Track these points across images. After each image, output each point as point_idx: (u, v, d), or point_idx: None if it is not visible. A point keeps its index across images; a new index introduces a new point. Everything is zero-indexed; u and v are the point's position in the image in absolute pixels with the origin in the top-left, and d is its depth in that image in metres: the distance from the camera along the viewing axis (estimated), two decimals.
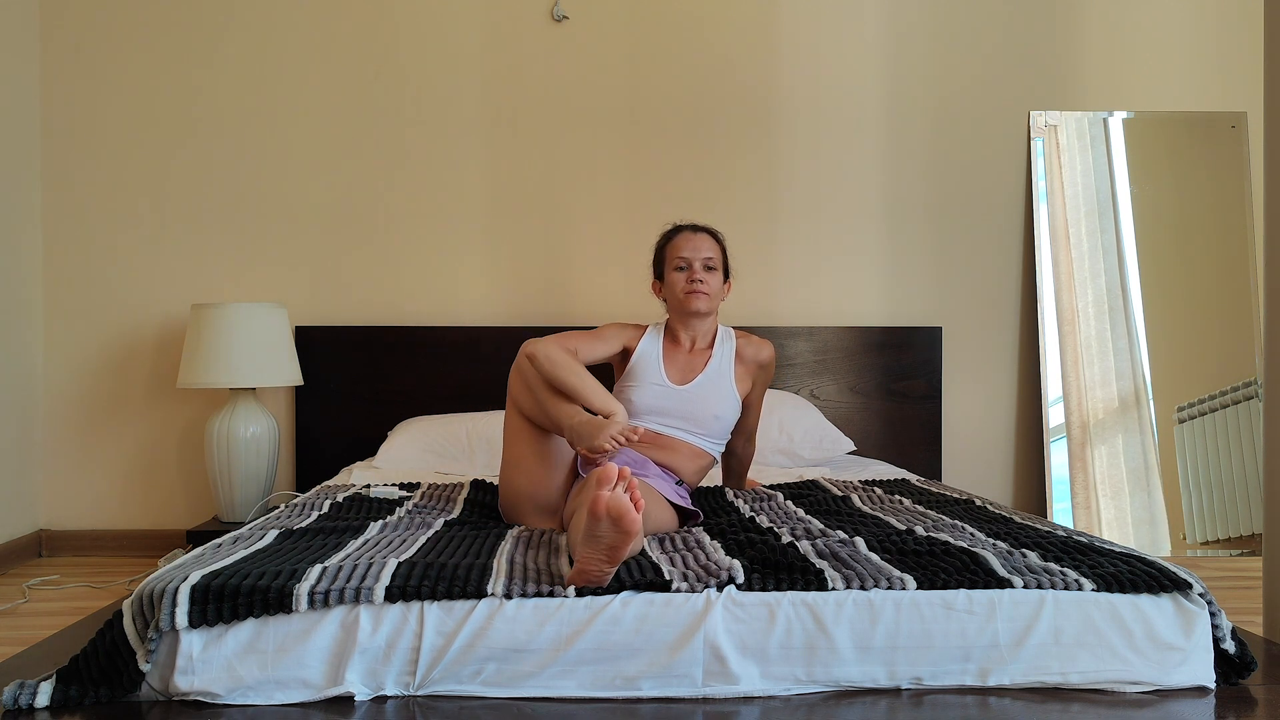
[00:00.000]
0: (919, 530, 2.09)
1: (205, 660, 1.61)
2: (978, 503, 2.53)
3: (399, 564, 1.77)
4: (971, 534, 2.08)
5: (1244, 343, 3.85)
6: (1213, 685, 1.73)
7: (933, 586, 1.71)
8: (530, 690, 1.63)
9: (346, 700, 1.62)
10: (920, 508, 2.45)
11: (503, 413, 3.44)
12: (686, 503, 2.40)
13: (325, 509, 2.43)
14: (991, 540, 2.02)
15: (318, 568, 1.74)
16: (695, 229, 2.60)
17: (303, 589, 1.64)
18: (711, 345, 2.60)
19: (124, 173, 3.77)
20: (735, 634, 1.65)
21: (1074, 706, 1.63)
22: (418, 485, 2.85)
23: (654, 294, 2.68)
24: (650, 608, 1.66)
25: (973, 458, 3.92)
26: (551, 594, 1.67)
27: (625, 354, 2.60)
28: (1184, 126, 3.96)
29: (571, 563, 1.85)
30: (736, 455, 2.74)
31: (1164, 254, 3.92)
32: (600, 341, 2.56)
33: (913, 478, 3.09)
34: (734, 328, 2.69)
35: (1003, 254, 3.94)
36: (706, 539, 2.05)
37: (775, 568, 1.80)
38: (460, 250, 3.82)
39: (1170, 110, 3.94)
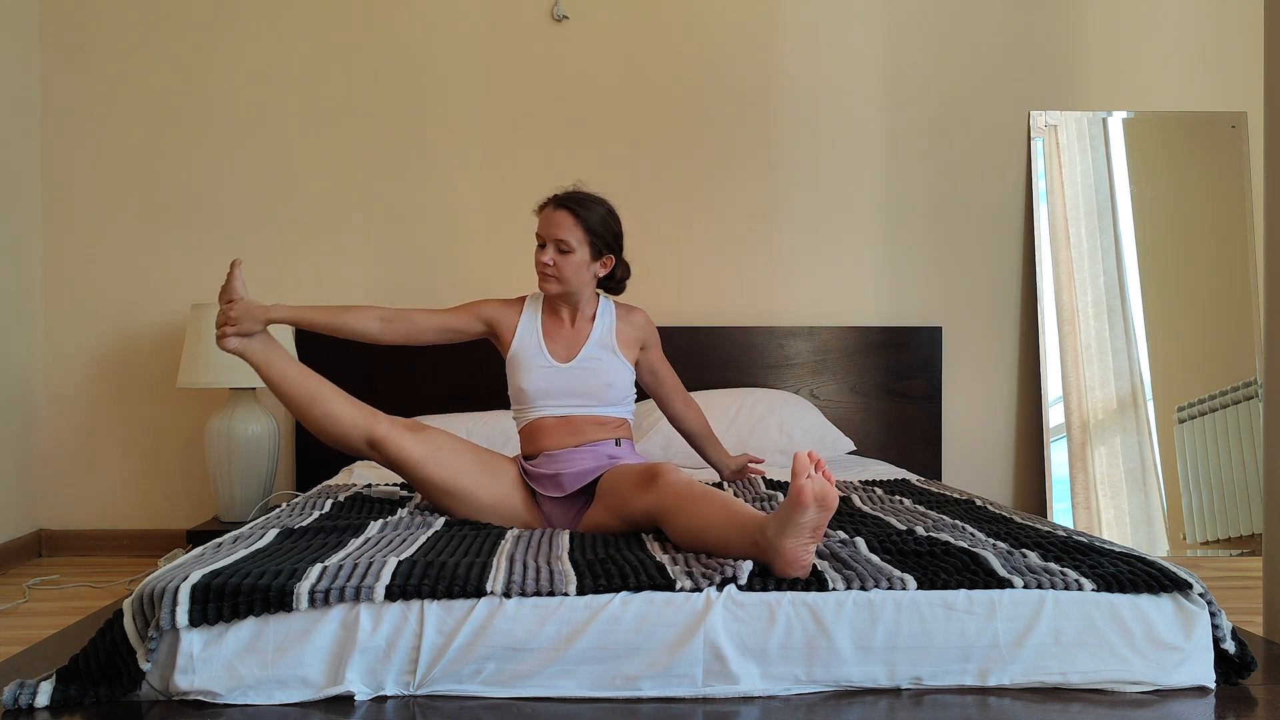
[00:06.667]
0: (919, 530, 2.09)
1: (205, 659, 1.61)
2: (978, 503, 2.52)
3: (399, 563, 1.77)
4: (972, 534, 2.08)
5: (1244, 343, 3.85)
6: (1213, 685, 1.72)
7: (933, 586, 1.71)
8: (530, 690, 1.63)
9: (346, 700, 1.62)
10: (920, 508, 2.45)
11: (502, 412, 3.48)
12: (632, 449, 2.47)
13: (326, 508, 2.43)
14: (991, 540, 2.02)
15: (318, 567, 1.74)
16: (557, 204, 2.43)
17: (303, 588, 1.64)
18: (594, 318, 2.51)
19: (124, 173, 3.78)
20: (735, 634, 1.65)
21: (1074, 706, 1.63)
22: None
23: None
24: (650, 607, 1.66)
25: (973, 458, 3.93)
26: (551, 593, 1.67)
27: (499, 336, 2.51)
28: (1184, 126, 3.96)
29: (574, 563, 1.85)
30: (685, 422, 2.68)
31: (1164, 254, 3.92)
32: (450, 314, 2.49)
33: (913, 478, 3.08)
34: (615, 300, 2.59)
35: (1003, 254, 3.94)
36: None
37: None
38: (460, 249, 3.82)
39: (1170, 110, 3.95)
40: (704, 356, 3.77)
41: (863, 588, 1.70)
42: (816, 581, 1.71)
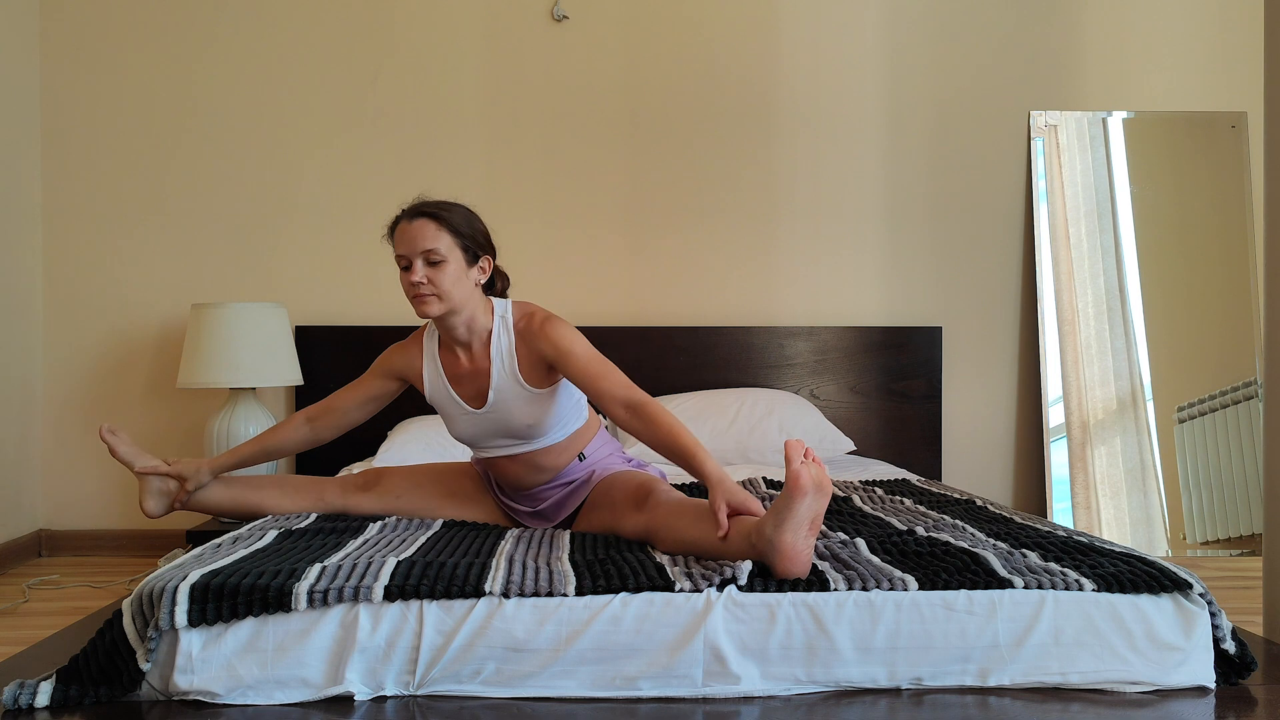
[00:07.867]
0: (919, 531, 2.09)
1: (205, 659, 1.61)
2: (978, 503, 2.53)
3: (398, 563, 1.77)
4: (972, 534, 2.08)
5: (1244, 343, 3.85)
6: (1213, 685, 1.73)
7: (933, 587, 1.71)
8: (530, 690, 1.63)
9: (346, 700, 1.62)
10: (921, 508, 2.45)
11: None
12: (605, 440, 2.35)
13: None
14: (992, 540, 2.02)
15: (317, 567, 1.74)
16: (413, 215, 2.16)
17: (302, 588, 1.64)
18: (489, 341, 2.21)
19: (124, 172, 3.77)
20: (735, 634, 1.65)
21: (1074, 706, 1.63)
22: None
23: None
24: (650, 608, 1.66)
25: (973, 458, 3.92)
26: (550, 594, 1.67)
27: (413, 383, 2.32)
28: (1184, 126, 3.96)
29: (574, 563, 1.85)
30: (637, 430, 2.07)
31: (1164, 254, 3.92)
32: (364, 384, 2.34)
33: (913, 478, 3.08)
34: (514, 307, 2.26)
35: (1003, 254, 3.94)
36: None
37: None
38: None
39: (1170, 110, 3.94)
40: (704, 356, 3.77)
41: (863, 588, 1.70)
42: (817, 582, 1.71)
